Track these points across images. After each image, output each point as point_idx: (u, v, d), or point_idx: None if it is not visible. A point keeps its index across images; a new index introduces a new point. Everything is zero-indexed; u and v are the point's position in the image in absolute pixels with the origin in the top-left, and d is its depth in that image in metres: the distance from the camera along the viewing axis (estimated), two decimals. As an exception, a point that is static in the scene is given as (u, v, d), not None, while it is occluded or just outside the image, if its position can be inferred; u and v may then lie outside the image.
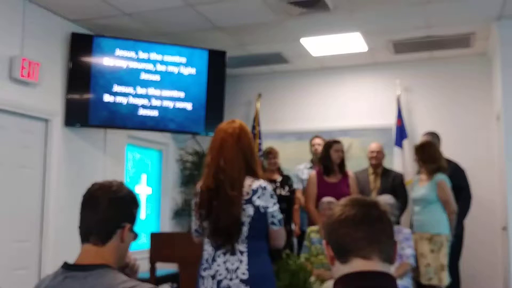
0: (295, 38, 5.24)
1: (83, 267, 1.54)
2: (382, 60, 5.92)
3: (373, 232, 1.32)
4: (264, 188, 2.41)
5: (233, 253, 2.36)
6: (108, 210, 1.60)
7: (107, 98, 4.85)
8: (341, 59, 5.92)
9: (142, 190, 5.83)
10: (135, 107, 4.95)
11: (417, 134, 5.72)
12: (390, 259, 1.33)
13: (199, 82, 5.19)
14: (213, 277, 2.38)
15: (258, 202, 2.37)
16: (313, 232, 4.55)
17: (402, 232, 4.32)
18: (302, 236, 4.85)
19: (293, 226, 5.04)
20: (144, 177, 5.89)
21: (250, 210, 2.36)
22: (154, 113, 5.01)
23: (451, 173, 4.50)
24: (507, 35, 4.65)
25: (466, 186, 4.84)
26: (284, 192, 4.89)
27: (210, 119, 5.22)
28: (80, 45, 4.80)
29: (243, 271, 2.34)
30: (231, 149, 2.44)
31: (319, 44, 5.42)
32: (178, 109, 5.10)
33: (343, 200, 1.40)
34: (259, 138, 6.24)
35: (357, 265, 1.29)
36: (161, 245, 4.73)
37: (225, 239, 2.36)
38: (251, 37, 5.26)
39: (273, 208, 2.43)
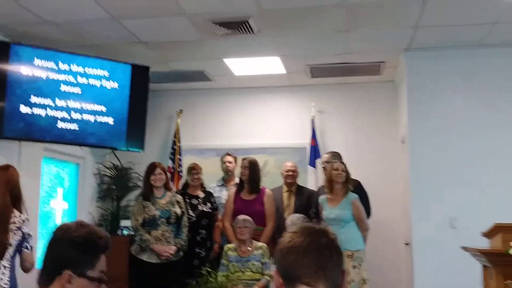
0: (218, 57, 5.39)
1: None
2: (299, 83, 6.23)
3: (320, 259, 1.34)
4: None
5: None
6: (52, 252, 1.55)
7: (23, 109, 4.66)
8: (261, 80, 6.15)
9: (58, 205, 5.63)
10: (54, 119, 4.80)
11: (329, 153, 6.05)
12: (335, 287, 1.35)
13: (121, 97, 5.14)
14: None
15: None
16: (230, 250, 4.66)
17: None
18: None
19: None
20: (60, 191, 5.69)
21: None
22: (74, 126, 4.89)
23: (355, 190, 4.75)
24: (413, 65, 5.12)
25: (367, 202, 5.04)
26: (206, 208, 4.97)
27: (132, 134, 5.18)
28: (-4, 52, 4.60)
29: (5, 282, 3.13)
30: None
31: (241, 65, 5.62)
32: (99, 123, 5.01)
33: (293, 228, 1.45)
34: (179, 154, 6.29)
35: None
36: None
37: None
38: (176, 53, 5.33)
39: None
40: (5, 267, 3.17)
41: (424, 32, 4.66)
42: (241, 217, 4.56)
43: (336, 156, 5.28)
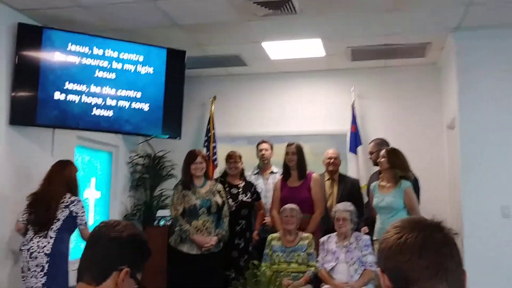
0: (255, 40, 5.16)
1: None
2: (338, 67, 5.98)
3: (439, 258, 1.15)
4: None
5: None
6: (106, 249, 1.50)
7: (57, 95, 4.51)
8: (298, 64, 5.91)
9: (91, 194, 5.50)
10: (89, 106, 4.64)
11: (370, 140, 5.80)
12: None
13: (156, 82, 4.97)
14: None
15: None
16: (274, 240, 4.48)
17: (362, 239, 4.33)
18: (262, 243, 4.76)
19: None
20: (93, 180, 5.56)
21: None
22: (109, 113, 4.73)
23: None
24: (463, 46, 4.82)
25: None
26: (245, 198, 4.77)
27: (168, 121, 5.01)
28: (28, 37, 4.43)
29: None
30: None
31: (279, 48, 5.38)
32: (134, 109, 4.85)
33: (400, 222, 1.26)
34: (214, 141, 6.11)
35: None
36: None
37: None
38: (211, 37, 5.12)
39: None
40: (51, 237, 3.87)
41: (476, 10, 4.35)
42: (288, 206, 4.37)
43: (380, 143, 5.05)
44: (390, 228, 1.26)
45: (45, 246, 3.82)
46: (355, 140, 5.77)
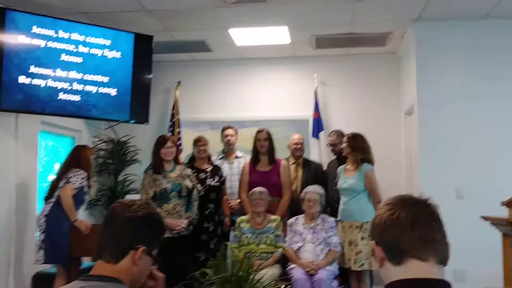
0: (223, 27, 5.21)
1: (99, 277, 1.48)
2: (301, 54, 6.12)
3: (429, 231, 1.29)
4: None
5: None
6: (122, 228, 1.52)
7: (22, 79, 4.41)
8: (263, 50, 6.01)
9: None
10: (55, 90, 4.57)
11: (331, 126, 6.01)
12: (444, 261, 1.30)
13: (124, 67, 4.94)
14: None
15: None
16: (243, 222, 4.60)
17: (327, 221, 4.53)
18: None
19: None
20: (57, 166, 5.47)
21: None
22: (76, 98, 4.68)
23: None
24: (422, 36, 5.06)
25: None
26: (213, 182, 4.85)
27: (136, 106, 5.00)
28: (-9, 19, 4.31)
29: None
30: None
31: (245, 35, 5.45)
32: (102, 94, 4.81)
33: (391, 199, 1.38)
34: (178, 127, 6.13)
35: (413, 267, 1.27)
36: (81, 238, 4.48)
37: None
38: (178, 23, 5.12)
39: None
40: (51, 202, 4.39)
41: (436, 2, 4.58)
42: (257, 189, 4.50)
43: (341, 135, 5.26)
44: (382, 205, 1.39)
45: (45, 210, 4.38)
46: (318, 125, 5.94)
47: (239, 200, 5.01)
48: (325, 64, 6.18)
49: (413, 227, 1.29)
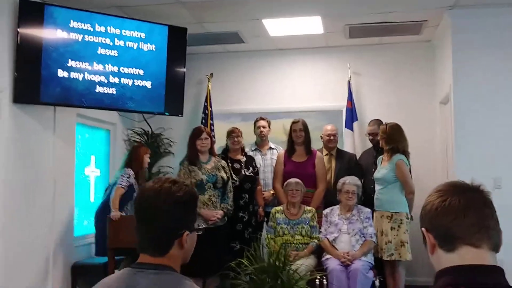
0: (256, 17, 5.20)
1: (150, 265, 1.45)
2: (335, 44, 6.07)
3: (482, 218, 1.27)
4: None
5: None
6: (161, 224, 1.46)
7: (61, 73, 4.50)
8: (296, 41, 5.98)
9: (91, 172, 5.54)
10: (92, 84, 4.65)
11: (365, 116, 5.96)
12: (497, 248, 1.28)
13: (158, 59, 4.99)
14: None
15: None
16: (278, 213, 4.61)
17: (363, 212, 4.52)
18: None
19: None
20: (93, 158, 5.59)
21: None
22: (112, 90, 4.75)
23: None
24: (458, 24, 4.95)
25: None
26: (248, 172, 4.88)
27: (170, 98, 5.05)
28: (30, 14, 4.39)
29: None
30: None
31: (278, 25, 5.44)
32: (137, 87, 4.87)
33: (441, 186, 1.35)
34: (211, 119, 6.17)
35: (466, 254, 1.25)
36: (119, 229, 4.57)
37: None
38: (211, 14, 5.14)
39: None
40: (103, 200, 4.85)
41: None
42: (293, 180, 4.51)
43: (380, 125, 5.20)
44: (433, 192, 1.36)
45: (98, 207, 4.96)
46: (351, 116, 5.90)
47: (272, 191, 5.03)
48: (358, 54, 6.12)
49: (466, 213, 1.27)
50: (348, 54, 6.10)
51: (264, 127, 5.30)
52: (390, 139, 4.55)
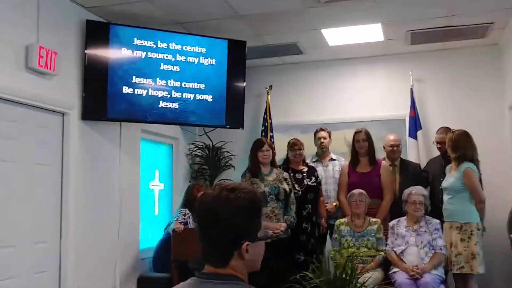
0: (315, 27, 5.17)
1: (216, 275, 1.39)
2: (396, 51, 5.93)
3: None
4: None
5: None
6: (220, 231, 1.38)
7: (126, 90, 4.66)
8: (355, 49, 5.89)
9: (156, 186, 5.66)
10: (155, 99, 4.78)
11: (429, 125, 5.76)
12: None
13: (219, 73, 5.07)
14: None
15: None
16: (342, 225, 4.51)
17: (432, 223, 4.33)
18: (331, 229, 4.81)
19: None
20: (157, 172, 5.72)
21: None
22: (175, 105, 4.86)
23: None
24: (529, 25, 4.72)
25: None
26: (310, 182, 4.81)
27: (231, 111, 5.11)
28: (96, 33, 4.59)
29: None
30: None
31: (338, 34, 5.37)
32: (199, 101, 4.96)
33: None
34: (271, 131, 6.16)
35: None
36: (184, 241, 4.62)
37: None
38: (270, 26, 5.16)
39: None
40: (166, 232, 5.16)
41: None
42: (357, 190, 4.41)
43: (446, 132, 5.01)
44: None
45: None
46: (415, 125, 5.71)
47: (335, 203, 4.94)
48: (420, 61, 5.93)
49: None
50: (410, 61, 5.93)
51: (324, 138, 5.24)
52: (457, 147, 4.36)
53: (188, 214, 4.99)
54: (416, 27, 5.18)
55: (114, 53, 4.64)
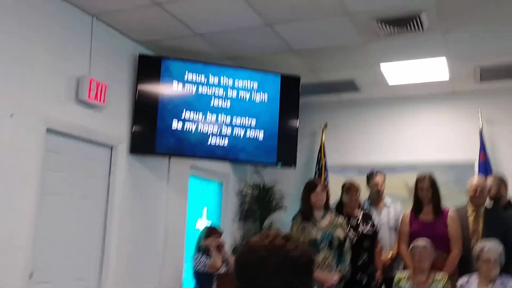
0: (372, 63, 4.88)
1: None
2: (463, 89, 5.50)
3: None
4: None
5: None
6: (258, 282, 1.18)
7: (175, 124, 4.53)
8: (417, 87, 5.52)
9: (203, 224, 5.43)
10: (205, 135, 4.61)
11: (502, 170, 5.23)
12: None
13: (271, 109, 4.85)
14: None
15: None
16: (403, 280, 4.03)
17: (508, 283, 3.76)
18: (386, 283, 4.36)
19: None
20: (205, 210, 5.50)
21: None
22: (224, 141, 4.66)
23: None
24: None
25: None
26: (366, 229, 4.41)
27: (283, 149, 4.85)
28: (148, 67, 4.53)
29: None
30: None
31: (398, 70, 5.04)
32: (249, 138, 4.74)
33: None
34: (325, 171, 5.83)
35: None
36: (228, 286, 4.34)
37: None
38: (325, 62, 4.93)
39: None
40: None
41: None
42: (421, 243, 3.94)
43: (500, 180, 4.48)
44: None
45: None
46: (485, 169, 5.19)
47: (391, 255, 4.49)
48: (490, 99, 5.47)
49: None
50: (478, 100, 5.48)
51: (381, 183, 4.84)
52: None
53: (204, 260, 4.51)
54: (486, 62, 4.77)
55: (165, 87, 4.55)
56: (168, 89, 4.56)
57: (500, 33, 4.17)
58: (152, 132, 4.47)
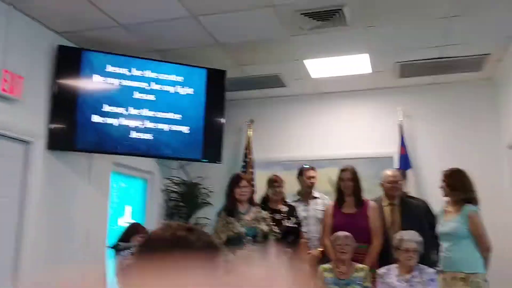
0: (297, 58, 4.92)
1: None
2: (383, 85, 5.67)
3: None
4: None
5: None
6: None
7: (96, 119, 4.33)
8: (340, 83, 5.63)
9: (126, 223, 5.25)
10: (127, 129, 4.44)
11: (420, 163, 5.46)
12: None
13: (196, 104, 4.75)
14: None
15: None
16: (326, 271, 4.10)
17: (426, 272, 3.90)
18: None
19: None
20: (128, 209, 5.32)
21: None
22: (148, 136, 4.52)
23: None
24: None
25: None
26: (290, 223, 4.44)
27: (209, 144, 4.76)
28: (68, 59, 4.31)
29: None
30: None
31: (322, 65, 5.12)
32: (174, 132, 4.62)
33: None
34: (252, 167, 5.83)
35: None
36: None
37: None
38: (251, 56, 4.90)
39: None
40: None
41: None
42: (342, 233, 4.01)
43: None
44: None
45: None
46: (405, 163, 5.39)
47: (321, 249, 4.54)
48: (410, 95, 5.67)
49: None
50: (398, 96, 5.67)
51: (314, 177, 4.89)
52: (458, 187, 3.96)
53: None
54: (406, 58, 4.93)
55: (86, 80, 4.34)
56: (89, 82, 4.35)
57: (419, 28, 4.29)
58: (72, 128, 4.26)
